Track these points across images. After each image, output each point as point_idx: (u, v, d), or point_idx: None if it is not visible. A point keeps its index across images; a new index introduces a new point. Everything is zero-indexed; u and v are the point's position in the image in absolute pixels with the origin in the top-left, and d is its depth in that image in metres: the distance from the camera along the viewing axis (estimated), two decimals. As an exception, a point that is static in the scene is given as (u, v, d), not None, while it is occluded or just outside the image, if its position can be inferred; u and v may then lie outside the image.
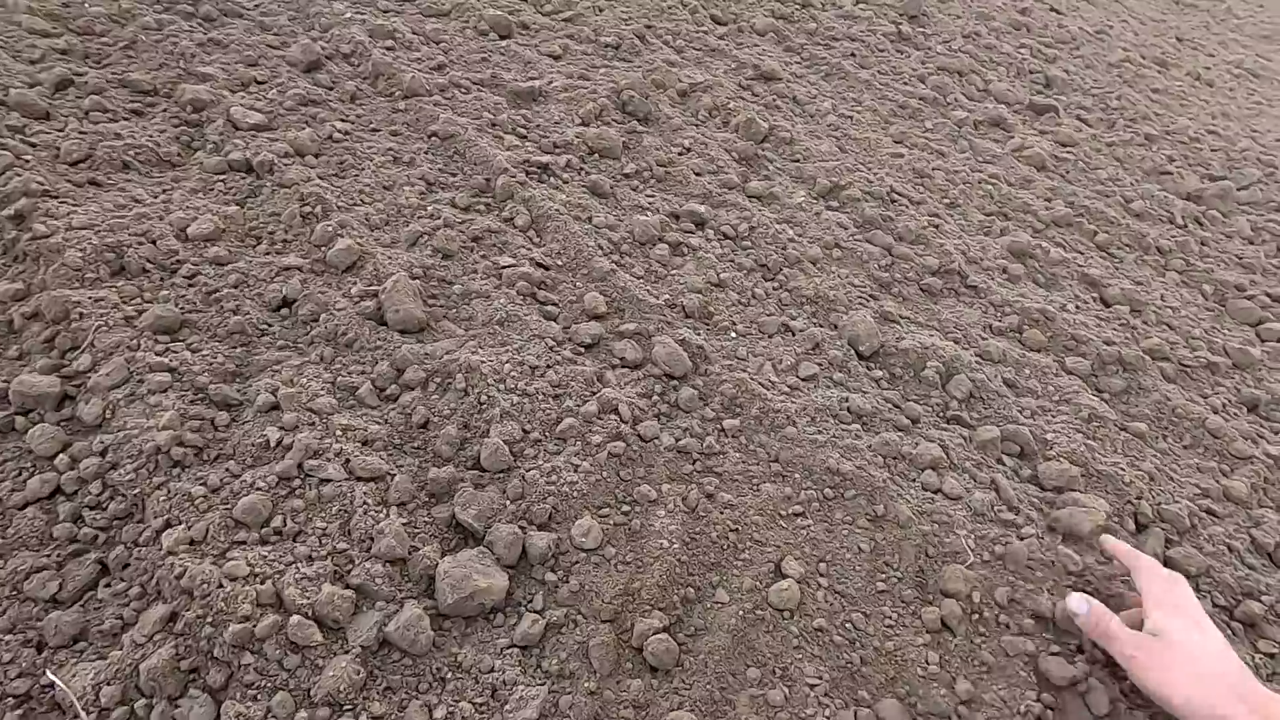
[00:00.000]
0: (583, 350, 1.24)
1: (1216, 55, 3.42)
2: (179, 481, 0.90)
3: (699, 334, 1.32)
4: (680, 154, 1.81)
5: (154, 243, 1.20)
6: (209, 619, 0.79)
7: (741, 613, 0.93)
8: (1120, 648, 0.81)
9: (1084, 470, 1.22)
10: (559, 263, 1.41)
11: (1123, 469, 1.24)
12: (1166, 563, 1.14)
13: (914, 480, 1.15)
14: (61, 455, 0.95)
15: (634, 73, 2.04)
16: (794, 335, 1.37)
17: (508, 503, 0.98)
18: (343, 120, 1.64)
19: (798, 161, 1.88)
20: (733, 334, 1.36)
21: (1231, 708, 0.71)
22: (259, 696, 0.76)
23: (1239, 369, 1.54)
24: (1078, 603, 0.90)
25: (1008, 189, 1.96)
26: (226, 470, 0.94)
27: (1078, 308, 1.60)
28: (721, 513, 1.04)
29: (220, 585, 0.80)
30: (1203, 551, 1.15)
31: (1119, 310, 1.61)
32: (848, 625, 0.96)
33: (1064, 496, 1.17)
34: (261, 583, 0.82)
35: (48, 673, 0.76)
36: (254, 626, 0.78)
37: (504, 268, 1.35)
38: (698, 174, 1.75)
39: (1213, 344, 1.58)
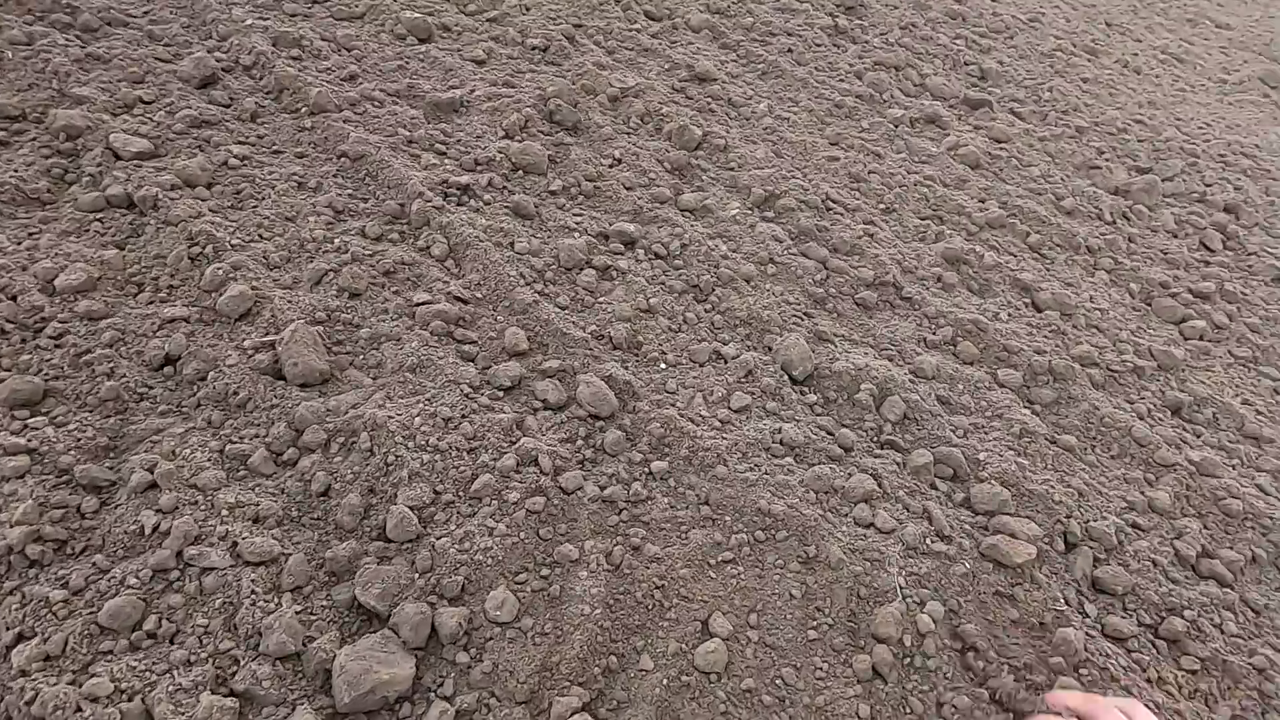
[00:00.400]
0: (501, 394, 1.16)
1: (1144, 40, 3.45)
2: (35, 585, 0.80)
3: (627, 368, 1.26)
4: (610, 166, 1.72)
5: (14, 299, 1.07)
6: (68, 746, 0.70)
7: (666, 680, 0.88)
8: None
9: (1015, 491, 1.21)
10: (478, 295, 1.32)
11: (1053, 486, 1.22)
12: (1094, 583, 1.13)
13: (846, 515, 1.11)
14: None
15: (562, 78, 1.94)
16: (726, 363, 1.31)
17: (416, 576, 0.91)
18: (240, 143, 1.50)
19: (732, 170, 1.81)
20: (662, 365, 1.29)
21: None
22: (124, 836, 0.68)
23: (1163, 370, 1.55)
24: None
25: (943, 190, 1.93)
26: (93, 565, 0.84)
27: (1010, 315, 1.59)
28: (648, 568, 0.99)
29: (78, 710, 0.71)
30: (1129, 569, 1.14)
31: (1050, 316, 1.60)
32: (778, 682, 0.92)
33: (995, 521, 1.15)
34: (129, 700, 0.74)
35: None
36: (117, 755, 0.70)
37: (418, 305, 1.26)
38: (628, 188, 1.67)
39: (1138, 346, 1.58)
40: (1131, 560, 1.16)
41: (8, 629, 0.78)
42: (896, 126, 2.15)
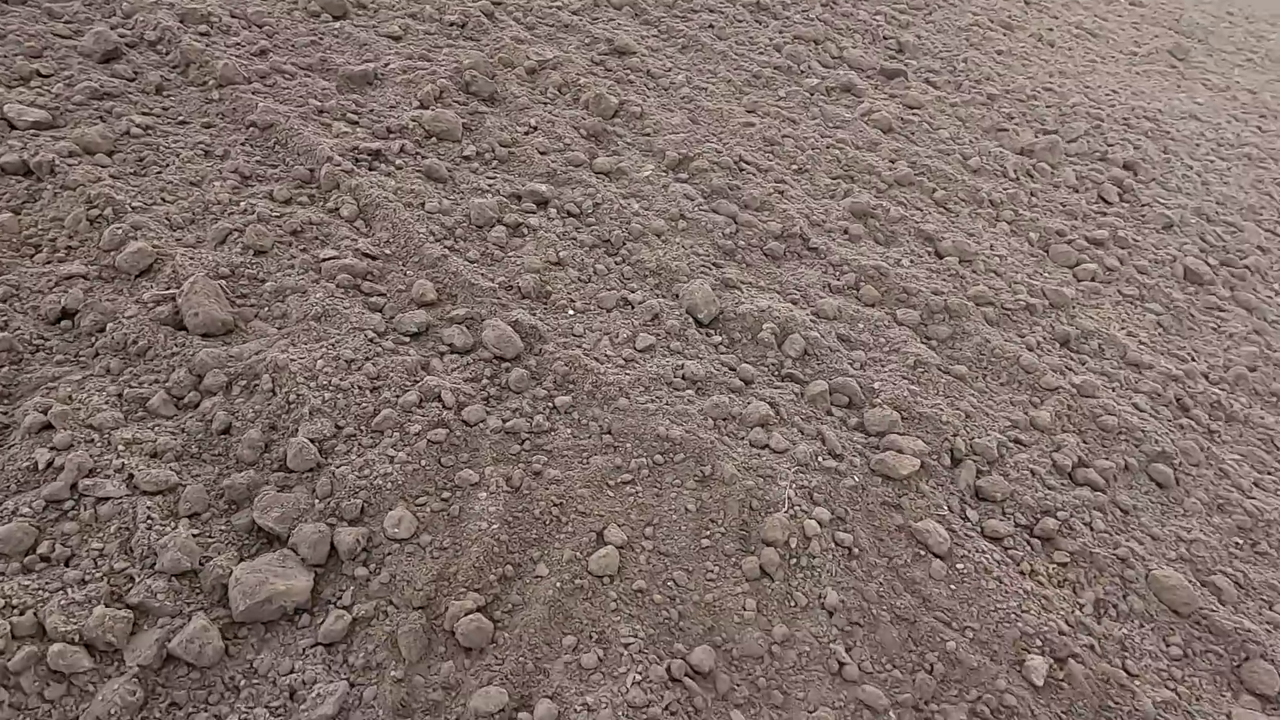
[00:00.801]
0: (407, 340, 1.23)
1: (1060, 17, 3.69)
2: (-76, 516, 0.84)
3: (534, 314, 1.34)
4: (526, 133, 1.81)
5: (-99, 259, 1.10)
6: (-42, 659, 0.74)
7: (560, 584, 0.96)
8: None
9: (906, 414, 1.32)
10: (387, 252, 1.39)
11: (942, 409, 1.34)
12: (977, 492, 1.25)
13: (743, 439, 1.21)
14: None
15: (479, 52, 2.02)
16: (633, 309, 1.41)
17: (315, 501, 0.97)
18: (145, 114, 1.54)
19: (648, 135, 1.92)
20: (570, 311, 1.38)
21: None
22: (15, 733, 0.72)
23: (1055, 308, 1.70)
24: None
25: (855, 153, 2.06)
26: (-15, 499, 0.88)
27: (912, 262, 1.72)
28: (547, 489, 1.07)
29: (-33, 622, 0.76)
30: (1008, 479, 1.27)
31: (949, 262, 1.74)
32: (669, 584, 1.00)
33: (885, 440, 1.26)
34: (20, 614, 0.78)
35: None
36: (7, 661, 0.74)
37: (324, 260, 1.32)
38: (543, 153, 1.75)
39: (1032, 287, 1.73)
40: (1012, 471, 1.28)
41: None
42: (812, 95, 2.28)
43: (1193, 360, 1.68)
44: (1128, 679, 1.02)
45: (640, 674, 0.89)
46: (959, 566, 1.11)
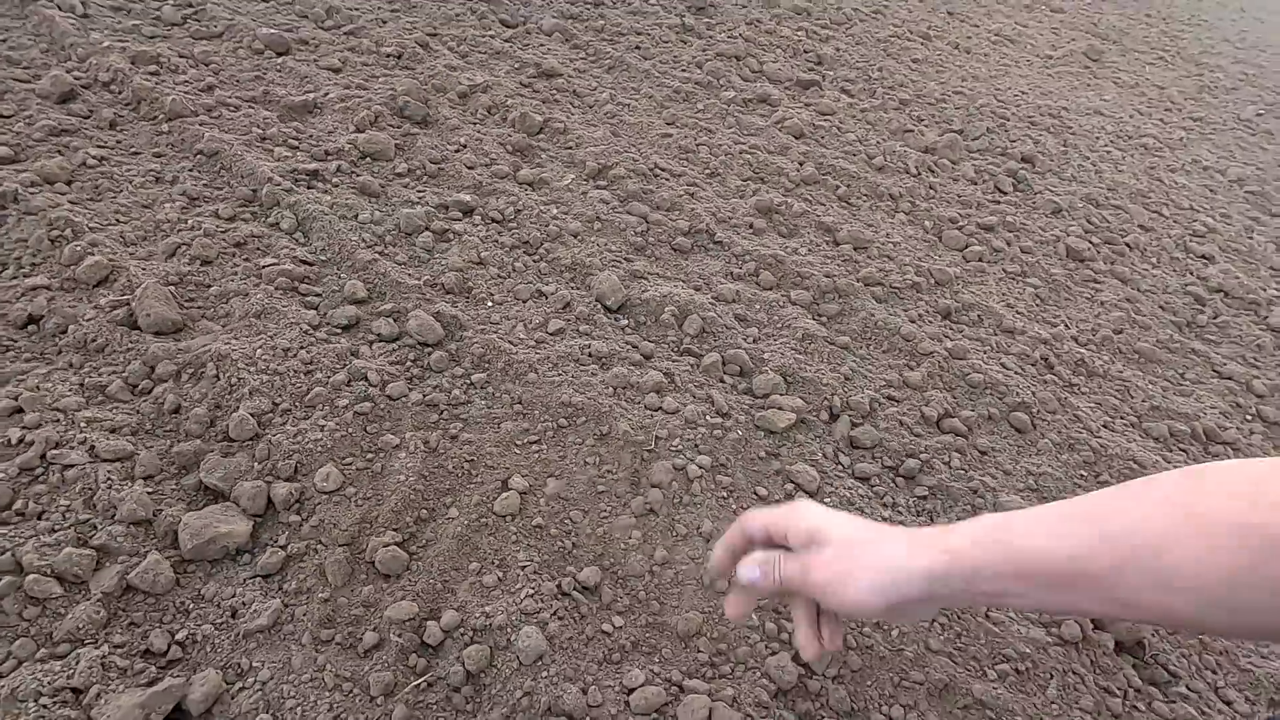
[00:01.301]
0: (339, 331, 1.45)
1: (980, 25, 4.06)
2: (-85, 483, 1.04)
3: (456, 306, 1.56)
4: (456, 151, 2.05)
5: (-116, 278, 1.30)
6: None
7: (467, 522, 1.16)
8: (801, 582, 0.64)
9: (791, 378, 1.55)
10: (323, 259, 1.61)
11: (824, 374, 1.58)
12: (851, 442, 1.48)
13: (638, 403, 1.43)
14: None
15: (414, 80, 2.27)
16: (546, 299, 1.63)
17: (254, 464, 1.17)
18: (99, 147, 1.77)
19: (570, 149, 2.17)
20: (489, 303, 1.60)
21: (901, 548, 0.59)
22: (-1, 644, 0.91)
23: (940, 285, 1.95)
24: (748, 571, 0.69)
25: (765, 156, 2.33)
26: (-33, 470, 1.07)
27: (809, 250, 1.97)
28: (460, 449, 1.28)
29: (-44, 559, 0.95)
30: (878, 428, 1.50)
31: (845, 249, 1.99)
32: (565, 521, 1.21)
33: (769, 400, 1.49)
34: (0, 554, 0.97)
35: None
36: (-9, 588, 0.93)
37: (264, 267, 1.53)
38: (470, 167, 1.99)
39: (920, 268, 1.98)
40: (882, 422, 1.51)
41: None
42: (729, 106, 2.56)
43: (1064, 326, 1.93)
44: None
45: (534, 589, 1.09)
46: (826, 501, 1.33)
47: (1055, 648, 1.20)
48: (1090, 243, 2.29)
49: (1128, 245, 2.33)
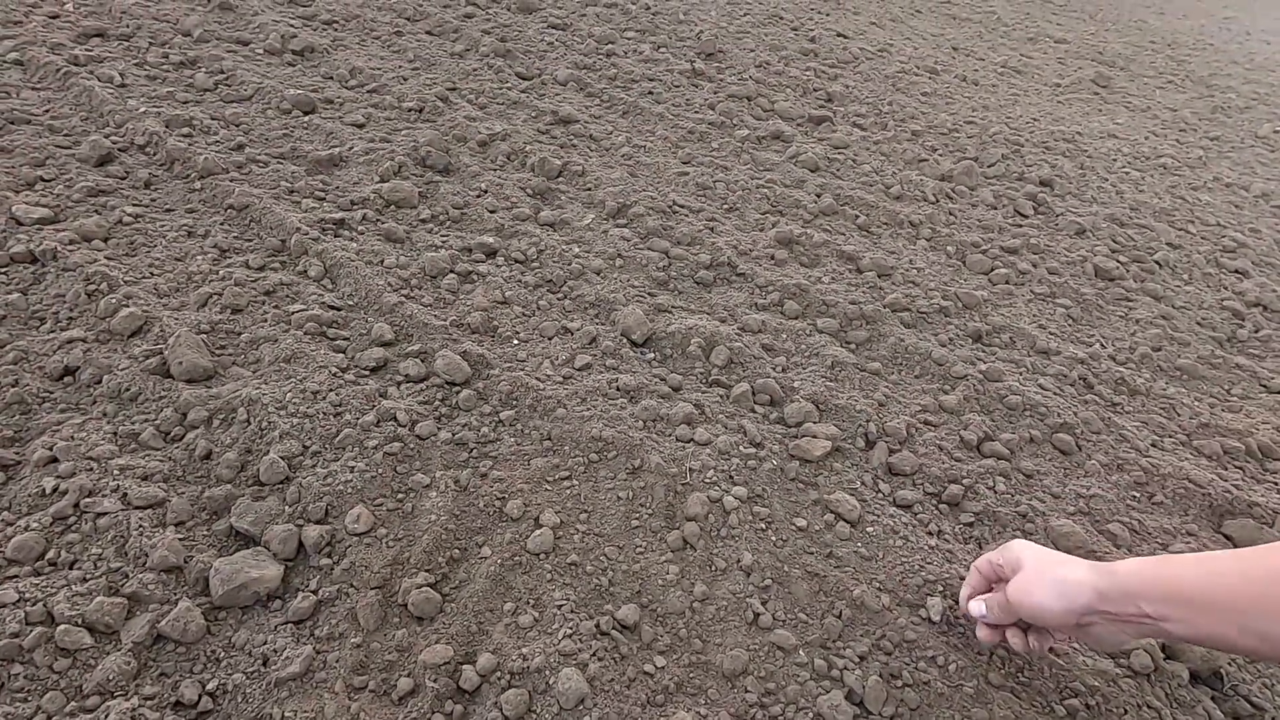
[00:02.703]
0: (367, 373, 1.45)
1: (986, 59, 4.13)
2: (-49, 535, 1.04)
3: (482, 345, 1.56)
4: (477, 196, 2.10)
5: (-72, 335, 1.34)
6: (-19, 645, 0.92)
7: (501, 561, 1.14)
8: (1005, 598, 0.93)
9: (823, 406, 1.52)
10: (350, 303, 1.63)
11: (856, 400, 1.55)
12: (890, 469, 1.43)
13: (669, 435, 1.40)
14: None
15: (435, 131, 2.34)
16: (572, 335, 1.63)
17: (285, 507, 1.16)
18: (135, 205, 1.83)
19: (589, 190, 2.21)
20: (515, 341, 1.60)
21: (1081, 576, 0.84)
22: (28, 698, 0.89)
23: (968, 309, 1.93)
24: (975, 606, 1.03)
25: (783, 190, 2.35)
26: (1, 520, 1.07)
27: (833, 279, 1.96)
28: (491, 487, 1.26)
29: (-11, 611, 0.94)
30: (916, 454, 1.45)
31: (869, 276, 1.99)
32: (600, 558, 1.18)
33: (802, 429, 1.46)
34: (32, 605, 0.96)
35: None
36: (21, 641, 0.92)
37: (293, 313, 1.56)
38: (492, 211, 2.03)
39: (946, 292, 1.97)
40: (920, 448, 1.47)
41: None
42: (744, 144, 2.60)
43: (1100, 345, 1.89)
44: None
45: (571, 629, 1.06)
46: (869, 530, 1.28)
47: (1126, 679, 1.12)
48: (1118, 261, 2.26)
49: (1157, 263, 2.30)
